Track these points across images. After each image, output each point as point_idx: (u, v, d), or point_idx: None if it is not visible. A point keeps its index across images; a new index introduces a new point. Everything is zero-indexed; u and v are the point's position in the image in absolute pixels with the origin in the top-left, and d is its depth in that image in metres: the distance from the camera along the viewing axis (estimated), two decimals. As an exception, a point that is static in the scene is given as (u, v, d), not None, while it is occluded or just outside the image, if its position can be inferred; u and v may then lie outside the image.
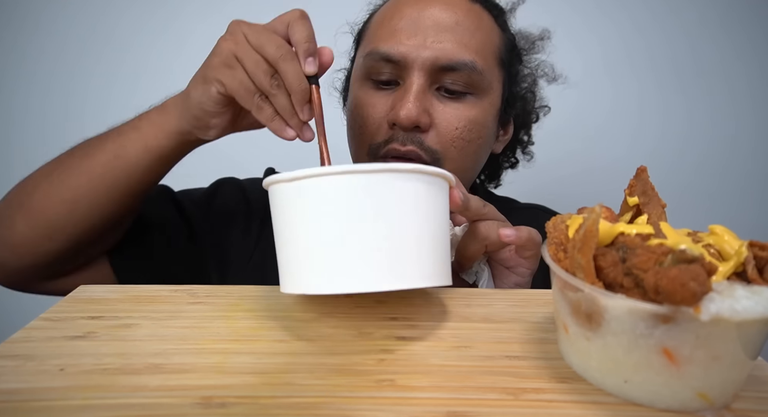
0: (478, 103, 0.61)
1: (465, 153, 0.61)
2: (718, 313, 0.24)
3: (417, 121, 0.57)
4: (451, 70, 0.58)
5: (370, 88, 0.63)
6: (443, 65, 0.58)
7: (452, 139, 0.60)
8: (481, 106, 0.61)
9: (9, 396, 0.29)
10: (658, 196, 0.35)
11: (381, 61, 0.60)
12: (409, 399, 0.29)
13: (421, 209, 0.34)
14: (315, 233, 0.33)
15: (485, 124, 0.62)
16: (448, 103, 0.60)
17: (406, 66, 0.59)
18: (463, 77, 0.59)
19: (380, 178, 0.33)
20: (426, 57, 0.58)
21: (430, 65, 0.58)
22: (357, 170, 0.32)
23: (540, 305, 0.41)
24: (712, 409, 0.28)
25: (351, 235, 0.32)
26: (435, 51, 0.58)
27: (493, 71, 0.63)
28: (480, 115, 0.61)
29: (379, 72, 0.61)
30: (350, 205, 0.32)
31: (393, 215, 0.33)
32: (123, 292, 0.43)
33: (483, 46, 0.61)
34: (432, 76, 0.59)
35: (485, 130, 0.63)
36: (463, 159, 0.61)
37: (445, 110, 0.60)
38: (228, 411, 0.28)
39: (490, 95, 0.62)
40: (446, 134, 0.59)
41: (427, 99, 0.59)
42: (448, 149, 0.60)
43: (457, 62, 0.58)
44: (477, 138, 0.62)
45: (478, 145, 0.63)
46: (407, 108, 0.56)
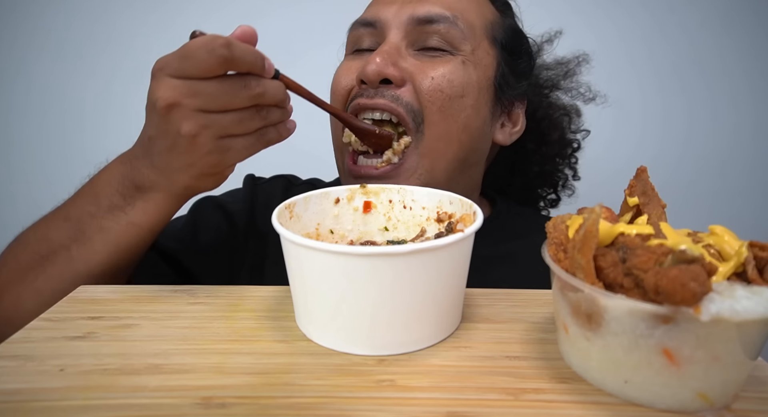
0: (458, 62, 0.58)
1: (448, 112, 0.56)
2: (718, 314, 0.24)
3: (382, 72, 0.54)
4: (428, 23, 0.56)
5: (350, 58, 0.62)
6: (420, 17, 0.56)
7: (429, 92, 0.55)
8: (463, 67, 0.58)
9: (9, 396, 0.29)
10: (658, 197, 0.34)
11: (360, 28, 0.60)
12: (409, 399, 0.29)
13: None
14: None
15: (469, 83, 0.58)
16: (425, 60, 0.57)
17: (383, 28, 0.58)
18: (442, 30, 0.56)
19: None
20: (404, 13, 0.57)
21: (407, 20, 0.57)
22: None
23: (540, 305, 0.41)
24: (712, 409, 0.28)
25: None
26: (413, 7, 0.57)
27: (480, 39, 0.60)
28: (460, 72, 0.57)
29: (359, 40, 0.60)
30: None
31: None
32: (123, 292, 0.43)
33: (468, 11, 0.59)
34: (409, 34, 0.57)
35: (469, 89, 0.58)
36: (445, 121, 0.56)
37: (421, 65, 0.57)
38: (228, 411, 0.28)
39: (474, 61, 0.59)
40: (422, 86, 0.55)
41: (401, 55, 0.57)
42: (426, 105, 0.56)
43: (436, 14, 0.56)
44: (459, 95, 0.57)
45: (463, 107, 0.57)
46: (373, 61, 0.54)
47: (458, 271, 0.35)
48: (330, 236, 0.45)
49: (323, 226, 0.44)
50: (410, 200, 0.45)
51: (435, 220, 0.44)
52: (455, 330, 0.37)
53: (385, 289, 0.32)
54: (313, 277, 0.33)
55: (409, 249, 0.31)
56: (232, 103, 0.41)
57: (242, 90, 0.41)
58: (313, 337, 0.35)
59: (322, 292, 0.33)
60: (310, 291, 0.34)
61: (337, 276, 0.32)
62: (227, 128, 0.42)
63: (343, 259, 0.31)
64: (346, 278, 0.32)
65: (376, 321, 0.33)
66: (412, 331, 0.34)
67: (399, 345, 0.34)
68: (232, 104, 0.41)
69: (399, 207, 0.46)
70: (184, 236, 0.63)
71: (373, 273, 0.31)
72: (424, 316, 0.34)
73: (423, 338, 0.35)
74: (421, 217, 0.45)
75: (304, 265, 0.34)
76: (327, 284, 0.33)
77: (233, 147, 0.43)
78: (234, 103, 0.41)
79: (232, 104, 0.41)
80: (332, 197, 0.45)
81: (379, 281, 0.31)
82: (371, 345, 0.33)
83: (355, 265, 0.31)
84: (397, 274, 0.31)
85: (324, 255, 0.31)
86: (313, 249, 0.32)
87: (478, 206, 0.39)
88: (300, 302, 0.36)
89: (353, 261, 0.31)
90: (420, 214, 0.45)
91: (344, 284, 0.32)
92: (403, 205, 0.46)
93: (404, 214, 0.46)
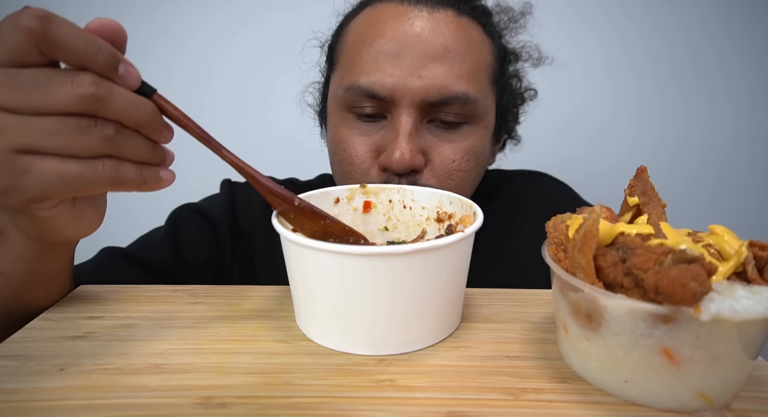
0: (473, 131, 0.57)
1: (464, 183, 0.57)
2: (718, 313, 0.24)
3: (411, 165, 0.52)
4: (442, 104, 0.53)
5: (353, 120, 0.57)
6: (434, 100, 0.53)
7: (449, 173, 0.56)
8: (477, 134, 0.57)
9: (9, 396, 0.29)
10: (658, 196, 0.34)
11: (364, 97, 0.54)
12: (409, 399, 0.29)
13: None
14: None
15: (482, 149, 0.59)
16: (443, 136, 0.56)
17: (393, 102, 0.53)
18: (456, 109, 0.54)
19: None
20: (415, 92, 0.52)
21: (420, 101, 0.53)
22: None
23: (540, 305, 0.41)
24: (712, 409, 0.28)
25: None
26: (424, 85, 0.52)
27: (487, 94, 0.58)
28: (477, 143, 0.57)
29: (361, 106, 0.55)
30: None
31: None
32: (123, 292, 0.43)
33: (475, 70, 0.55)
34: (422, 110, 0.54)
35: (483, 155, 0.59)
36: (461, 189, 0.57)
37: (440, 144, 0.55)
38: (228, 411, 0.28)
39: (484, 120, 0.58)
40: (443, 169, 0.55)
41: (420, 136, 0.54)
42: (445, 182, 0.56)
43: (448, 96, 0.53)
44: (475, 166, 0.58)
45: (477, 173, 0.59)
46: (400, 153, 0.51)
47: (458, 271, 0.35)
48: None
49: None
50: (410, 200, 0.45)
51: (435, 220, 0.44)
52: (455, 330, 0.37)
53: (385, 289, 0.32)
54: (313, 277, 0.33)
55: (409, 249, 0.31)
56: (46, 100, 0.28)
57: (66, 84, 0.28)
58: (313, 337, 0.35)
59: (322, 292, 0.33)
60: (310, 291, 0.34)
61: (337, 276, 0.32)
62: (31, 137, 0.28)
63: (343, 259, 0.31)
64: (346, 278, 0.32)
65: (376, 321, 0.33)
66: (412, 331, 0.34)
67: (399, 345, 0.34)
68: (45, 102, 0.28)
69: (399, 207, 0.46)
70: (166, 247, 0.61)
71: (373, 273, 0.31)
72: (424, 316, 0.34)
73: (423, 338, 0.35)
74: (421, 217, 0.45)
75: (304, 265, 0.34)
76: (327, 284, 0.33)
77: (35, 169, 0.29)
78: (49, 102, 0.28)
79: (46, 102, 0.28)
80: (332, 197, 0.45)
81: (379, 281, 0.31)
82: (371, 345, 0.34)
83: (355, 265, 0.31)
84: (396, 274, 0.31)
85: (324, 255, 0.32)
86: (313, 249, 0.32)
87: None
88: (300, 302, 0.36)
89: (353, 261, 0.31)
90: (420, 214, 0.45)
91: (344, 284, 0.32)
92: (403, 205, 0.46)
93: (404, 214, 0.46)
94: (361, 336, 0.33)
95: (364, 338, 0.33)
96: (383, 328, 0.33)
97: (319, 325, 0.35)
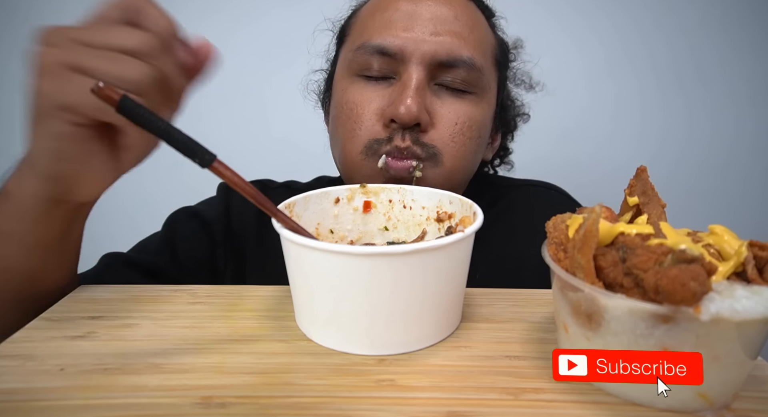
0: (477, 102, 0.59)
1: (464, 151, 0.58)
2: (718, 313, 0.24)
3: (418, 117, 0.54)
4: (450, 66, 0.56)
5: (362, 83, 0.58)
6: (442, 60, 0.55)
7: (452, 135, 0.57)
8: (481, 106, 0.59)
9: (9, 396, 0.29)
10: (658, 196, 0.34)
11: (375, 55, 0.56)
12: (409, 399, 0.29)
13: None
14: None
15: (484, 123, 0.60)
16: (447, 99, 0.57)
17: (404, 59, 0.55)
18: (462, 74, 0.56)
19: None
20: (425, 50, 0.55)
21: (429, 59, 0.55)
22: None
23: (540, 305, 0.41)
24: (712, 409, 0.28)
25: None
26: (434, 44, 0.55)
27: (491, 70, 0.61)
28: (479, 114, 0.59)
29: (370, 66, 0.57)
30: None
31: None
32: (123, 292, 0.43)
33: (480, 43, 0.59)
34: (431, 71, 0.56)
35: (484, 129, 0.60)
36: (461, 157, 0.58)
37: (444, 106, 0.57)
38: (228, 411, 0.28)
39: (488, 95, 0.60)
40: (446, 130, 0.57)
41: (426, 94, 0.56)
42: (447, 144, 0.57)
43: (456, 58, 0.55)
44: (477, 136, 0.59)
45: (477, 145, 0.60)
46: (408, 104, 0.53)
47: (458, 271, 0.35)
48: (330, 236, 0.45)
49: (323, 226, 0.44)
50: (410, 200, 0.45)
51: (435, 219, 0.44)
52: (455, 330, 0.37)
53: (385, 289, 0.32)
54: (313, 277, 0.33)
55: (409, 249, 0.31)
56: (114, 39, 0.33)
57: (135, 32, 0.33)
58: (313, 336, 0.35)
59: (322, 292, 0.33)
60: (310, 291, 0.34)
61: (337, 276, 0.32)
62: (86, 60, 0.32)
63: (343, 258, 0.31)
64: (346, 278, 0.32)
65: (376, 321, 0.33)
66: (412, 331, 0.34)
67: (399, 345, 0.34)
68: (113, 40, 0.33)
69: (399, 207, 0.46)
70: (162, 249, 0.62)
71: (373, 273, 0.31)
72: (424, 315, 0.34)
73: (423, 338, 0.35)
74: (421, 216, 0.45)
75: (304, 265, 0.34)
76: (327, 284, 0.33)
77: (76, 81, 0.32)
78: (116, 40, 0.33)
79: (114, 41, 0.33)
80: (332, 197, 0.45)
81: (379, 281, 0.31)
82: (371, 345, 0.34)
83: (355, 265, 0.31)
84: (396, 274, 0.31)
85: (324, 255, 0.32)
86: (313, 249, 0.32)
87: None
88: (300, 302, 0.36)
89: (353, 261, 0.31)
90: (420, 214, 0.45)
91: (344, 284, 0.32)
92: (403, 205, 0.46)
93: (404, 213, 0.46)
94: (361, 336, 0.33)
95: (364, 338, 0.33)
96: (383, 328, 0.33)
97: (319, 325, 0.35)
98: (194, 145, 0.31)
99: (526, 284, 0.44)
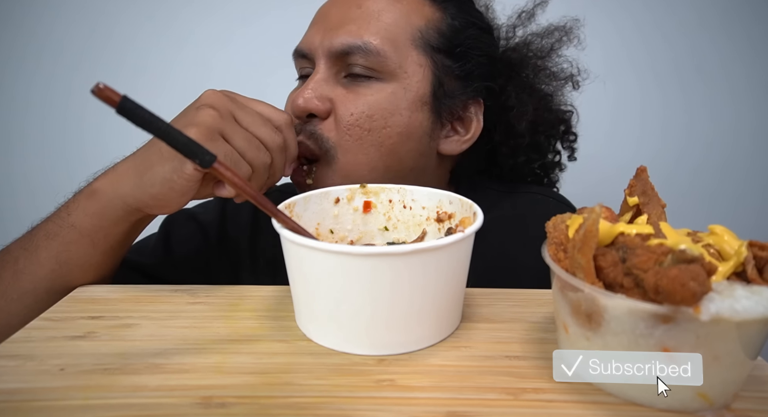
0: (383, 88, 0.55)
1: (364, 143, 0.55)
2: (718, 313, 0.24)
3: (305, 108, 0.54)
4: (347, 54, 0.55)
5: (297, 84, 0.62)
6: (338, 50, 0.55)
7: (347, 127, 0.55)
8: (388, 91, 0.55)
9: (9, 396, 0.29)
10: (658, 196, 0.34)
11: (298, 58, 0.60)
12: (409, 399, 0.29)
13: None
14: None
15: (395, 110, 0.56)
16: (350, 88, 0.56)
17: (313, 57, 0.57)
18: (361, 60, 0.55)
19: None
20: (324, 44, 0.56)
21: (328, 52, 0.56)
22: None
23: (540, 305, 0.41)
24: (712, 409, 0.28)
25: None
26: (331, 36, 0.55)
27: (406, 53, 0.56)
28: (384, 101, 0.55)
29: (301, 69, 0.61)
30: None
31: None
32: (123, 292, 0.43)
33: (389, 26, 0.56)
34: (334, 63, 0.56)
35: (396, 118, 0.56)
36: (362, 150, 0.55)
37: (346, 95, 0.55)
38: (228, 411, 0.28)
39: (402, 79, 0.56)
40: (341, 121, 0.55)
41: (329, 86, 0.56)
42: (342, 137, 0.55)
43: (350, 45, 0.54)
44: (382, 127, 0.55)
45: (386, 136, 0.56)
46: (301, 95, 0.54)
47: (458, 272, 0.35)
48: (330, 236, 0.45)
49: (323, 226, 0.44)
50: (410, 200, 0.45)
51: (435, 220, 0.44)
52: (455, 330, 0.37)
53: (385, 289, 0.32)
54: (313, 277, 0.33)
55: (409, 249, 0.31)
56: (257, 127, 0.44)
57: (272, 130, 0.45)
58: (313, 336, 0.35)
59: (322, 292, 0.33)
60: (310, 291, 0.34)
61: (337, 276, 0.32)
62: (232, 131, 0.42)
63: (343, 259, 0.31)
64: (346, 278, 0.32)
65: (376, 321, 0.33)
66: (412, 331, 0.34)
67: (399, 345, 0.34)
68: (255, 127, 0.44)
69: (399, 207, 0.46)
70: (157, 251, 0.62)
71: (373, 273, 0.31)
72: (424, 316, 0.34)
73: (423, 338, 0.35)
74: (421, 216, 0.45)
75: (304, 265, 0.34)
76: (327, 284, 0.33)
77: (217, 140, 0.41)
78: (257, 128, 0.44)
79: (256, 128, 0.44)
80: (332, 197, 0.45)
81: (379, 281, 0.31)
82: (371, 345, 0.34)
83: (355, 265, 0.31)
84: (396, 275, 0.31)
85: (324, 255, 0.32)
86: (313, 249, 0.32)
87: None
88: (300, 302, 0.36)
89: (353, 261, 0.31)
90: (420, 214, 0.45)
91: (344, 284, 0.32)
92: (403, 205, 0.46)
93: (404, 213, 0.46)
94: (361, 336, 0.33)
95: (364, 338, 0.33)
96: (383, 328, 0.33)
97: (319, 325, 0.35)
98: (195, 146, 0.31)
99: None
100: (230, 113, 0.43)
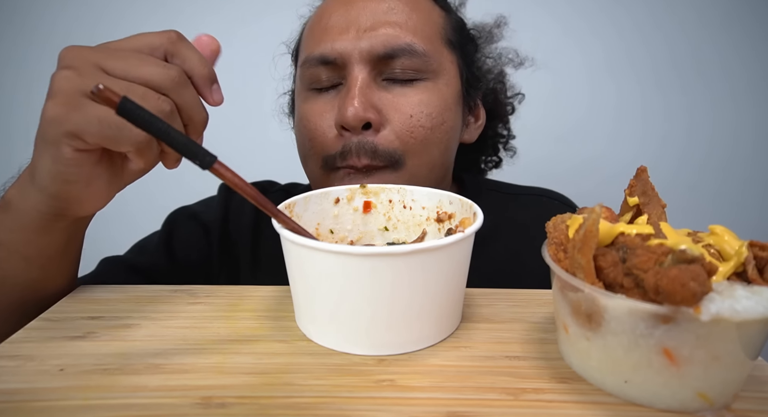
0: (431, 87, 0.56)
1: (429, 143, 0.55)
2: (718, 313, 0.24)
3: (364, 117, 0.52)
4: (391, 58, 0.54)
5: (314, 96, 0.57)
6: (381, 54, 0.53)
7: (410, 130, 0.54)
8: (436, 89, 0.56)
9: (9, 396, 0.29)
10: (658, 196, 0.34)
11: (319, 66, 0.55)
12: (409, 399, 0.29)
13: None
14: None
15: (446, 106, 0.57)
16: (397, 91, 0.55)
17: (345, 63, 0.54)
18: (406, 63, 0.54)
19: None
20: (362, 48, 0.53)
21: (368, 56, 0.53)
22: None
23: (540, 305, 0.41)
24: (712, 409, 0.28)
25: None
26: (369, 40, 0.53)
27: (441, 51, 0.58)
28: (436, 98, 0.56)
29: (319, 78, 0.56)
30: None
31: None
32: (123, 292, 0.43)
33: (423, 26, 0.56)
34: (374, 67, 0.54)
35: (448, 113, 0.57)
36: (428, 151, 0.55)
37: (395, 100, 0.54)
38: (228, 411, 0.28)
39: (443, 77, 0.57)
40: (402, 125, 0.54)
41: (373, 92, 0.54)
42: (407, 142, 0.54)
43: (394, 48, 0.53)
44: (440, 123, 0.56)
45: (444, 132, 0.56)
46: (352, 105, 0.51)
47: (458, 272, 0.35)
48: (330, 236, 0.45)
49: (323, 226, 0.44)
50: (410, 200, 0.45)
51: (435, 220, 0.44)
52: (455, 330, 0.37)
53: (385, 289, 0.32)
54: (313, 277, 0.33)
55: (409, 249, 0.31)
56: (135, 69, 0.34)
57: (159, 65, 0.35)
58: (313, 337, 0.35)
59: (322, 292, 0.33)
60: (310, 291, 0.34)
61: (337, 276, 0.32)
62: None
63: (343, 259, 0.31)
64: (346, 278, 0.32)
65: (376, 321, 0.33)
66: (412, 331, 0.34)
67: (399, 345, 0.34)
68: (134, 70, 0.34)
69: (399, 207, 0.46)
70: (159, 250, 0.62)
71: (373, 273, 0.31)
72: (424, 316, 0.34)
73: (423, 338, 0.35)
74: (421, 217, 0.45)
75: (304, 265, 0.34)
76: (327, 284, 0.33)
77: (85, 109, 0.33)
78: (137, 71, 0.34)
79: (134, 71, 0.34)
80: (332, 197, 0.45)
81: (379, 281, 0.31)
82: (371, 345, 0.34)
83: (355, 265, 0.31)
84: (396, 275, 0.31)
85: (324, 255, 0.32)
86: (313, 249, 0.32)
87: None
88: (300, 302, 0.36)
89: (353, 261, 0.31)
90: (420, 214, 0.45)
91: (344, 284, 0.32)
92: (403, 205, 0.46)
93: (404, 214, 0.46)
94: (360, 336, 0.33)
95: (364, 338, 0.33)
96: (383, 328, 0.33)
97: (319, 325, 0.35)
98: (195, 146, 0.31)
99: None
100: (95, 66, 0.34)
